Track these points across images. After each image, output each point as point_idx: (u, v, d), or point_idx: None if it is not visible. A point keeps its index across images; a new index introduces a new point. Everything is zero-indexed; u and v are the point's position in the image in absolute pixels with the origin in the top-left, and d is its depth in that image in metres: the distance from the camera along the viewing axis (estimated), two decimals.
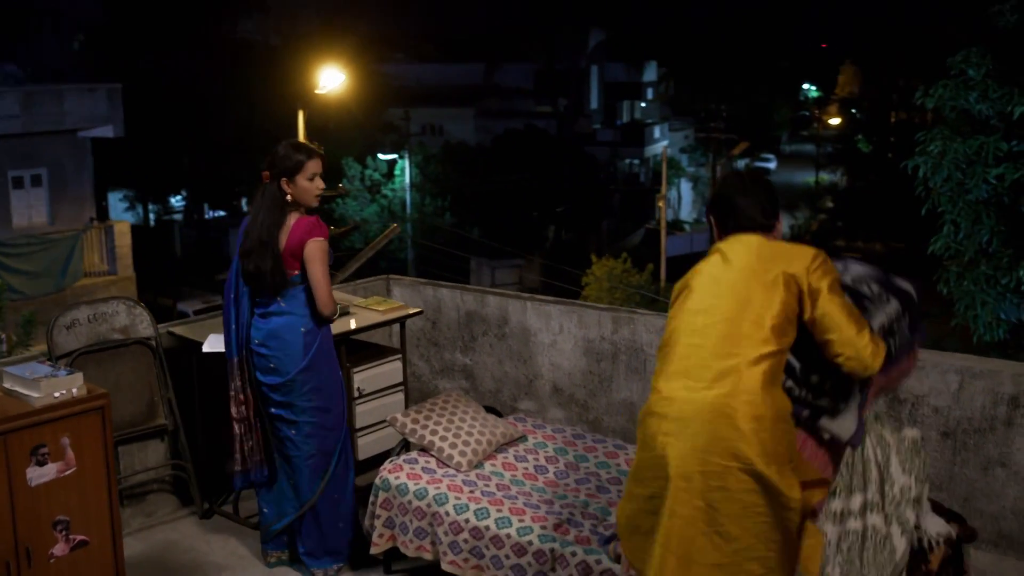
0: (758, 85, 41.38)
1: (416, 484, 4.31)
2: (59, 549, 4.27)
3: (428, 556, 4.27)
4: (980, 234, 10.61)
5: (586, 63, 37.92)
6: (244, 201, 33.25)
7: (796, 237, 34.66)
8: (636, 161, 38.25)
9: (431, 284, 6.49)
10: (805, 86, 53.31)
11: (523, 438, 4.82)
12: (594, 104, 38.90)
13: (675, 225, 37.12)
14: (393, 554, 4.48)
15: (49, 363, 4.50)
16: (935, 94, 11.02)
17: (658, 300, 19.89)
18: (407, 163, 27.62)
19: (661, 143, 37.61)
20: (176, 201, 32.11)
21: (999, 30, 10.96)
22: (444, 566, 4.19)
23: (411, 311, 5.48)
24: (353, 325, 5.09)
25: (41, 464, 4.17)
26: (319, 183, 4.26)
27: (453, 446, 4.52)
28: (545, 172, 30.16)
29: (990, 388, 4.55)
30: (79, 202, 19.74)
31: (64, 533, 4.27)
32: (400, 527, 4.34)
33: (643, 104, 41.34)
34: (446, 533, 4.17)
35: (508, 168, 29.37)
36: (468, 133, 33.56)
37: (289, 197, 4.22)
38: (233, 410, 4.43)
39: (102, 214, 23.64)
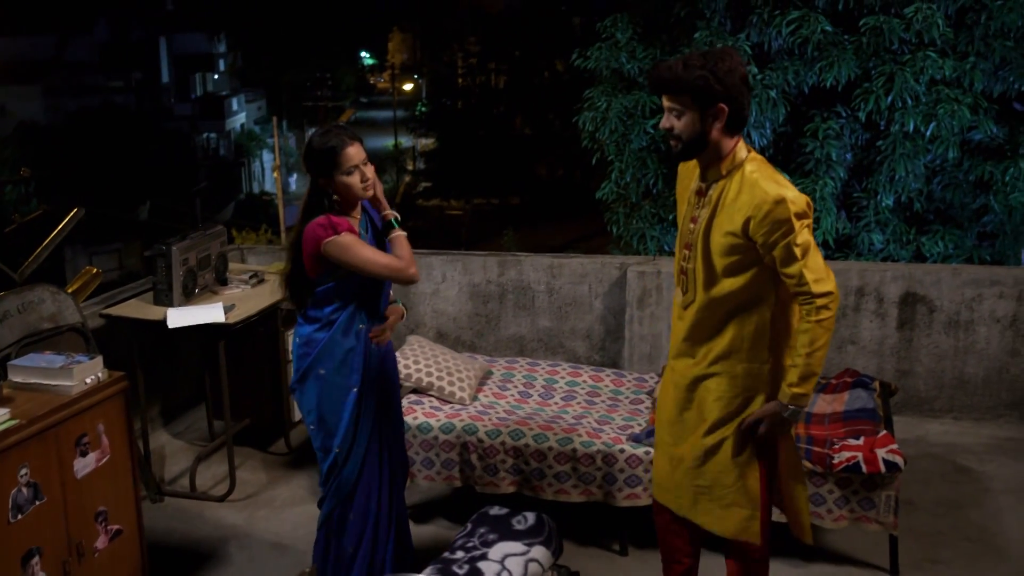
0: (327, 54, 41.99)
1: (437, 420, 4.65)
2: (101, 542, 4.14)
3: (457, 483, 4.65)
4: (647, 178, 12.24)
5: (155, 35, 36.24)
6: None
7: (389, 197, 35.94)
8: (214, 135, 37.41)
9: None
10: (363, 54, 54.76)
11: (489, 371, 5.29)
12: (166, 78, 37.34)
13: (263, 195, 36.89)
14: None
15: (50, 352, 4.23)
16: (592, 56, 12.45)
17: None
18: None
19: (240, 115, 37.04)
20: None
21: None
22: (480, 488, 4.60)
23: None
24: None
25: (84, 455, 4.02)
26: (364, 172, 3.58)
27: (451, 383, 4.90)
28: (128, 149, 28.67)
29: (841, 283, 5.76)
30: None
31: (104, 524, 4.15)
32: (423, 463, 4.66)
33: (216, 76, 40.34)
34: (480, 458, 4.58)
35: (89, 147, 27.56)
36: (37, 112, 30.89)
37: (335, 196, 3.60)
38: None
39: None
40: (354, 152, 3.54)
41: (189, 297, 5.15)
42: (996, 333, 5.66)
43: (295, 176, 37.91)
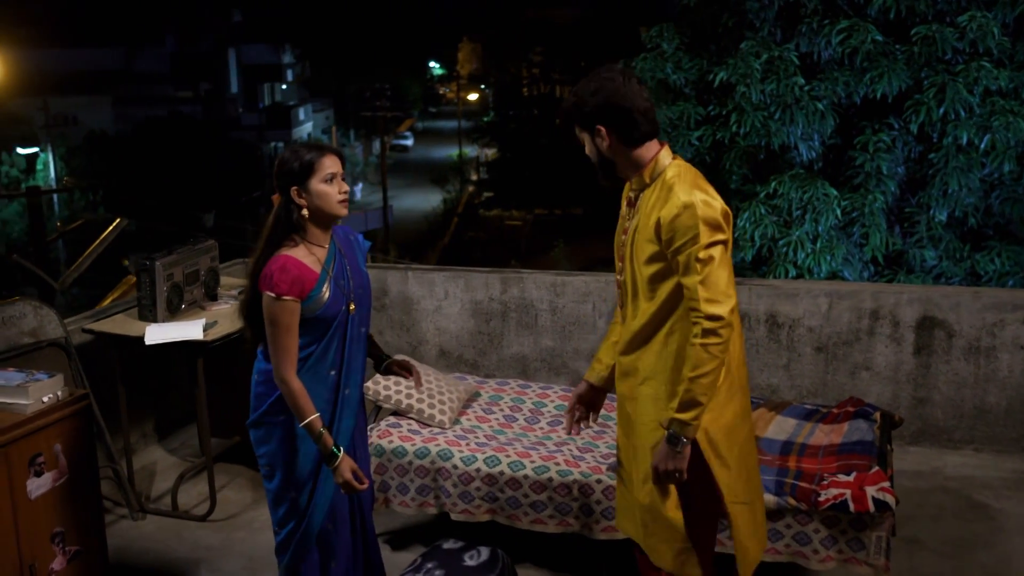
0: (394, 64, 42.34)
1: (413, 445, 4.50)
2: (58, 563, 4.07)
3: (432, 510, 4.49)
4: None
5: (224, 45, 36.94)
6: None
7: (450, 210, 36.06)
8: (282, 144, 37.90)
9: None
10: (431, 64, 55.16)
11: (476, 393, 5.12)
12: (234, 88, 37.97)
13: None
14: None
15: (12, 368, 4.19)
16: (637, 66, 12.23)
17: None
18: (50, 156, 25.56)
19: (306, 125, 37.49)
20: None
21: (684, 8, 12.36)
22: (455, 516, 4.43)
23: None
24: None
25: (39, 475, 3.95)
26: (342, 185, 3.26)
27: (431, 406, 4.74)
28: (195, 158, 29.18)
29: (855, 306, 5.48)
30: None
31: (61, 545, 4.08)
32: (398, 488, 4.51)
33: (284, 86, 40.93)
34: (455, 485, 4.41)
35: (155, 157, 28.12)
36: (107, 122, 31.61)
37: (305, 212, 3.22)
38: None
39: None
40: (331, 162, 3.24)
41: (174, 313, 5.07)
42: (1019, 360, 5.32)
43: (360, 186, 38.17)
